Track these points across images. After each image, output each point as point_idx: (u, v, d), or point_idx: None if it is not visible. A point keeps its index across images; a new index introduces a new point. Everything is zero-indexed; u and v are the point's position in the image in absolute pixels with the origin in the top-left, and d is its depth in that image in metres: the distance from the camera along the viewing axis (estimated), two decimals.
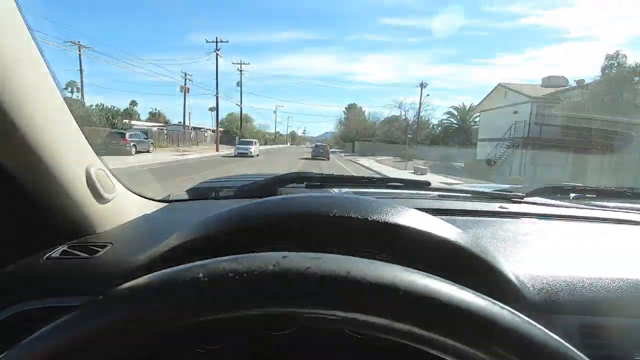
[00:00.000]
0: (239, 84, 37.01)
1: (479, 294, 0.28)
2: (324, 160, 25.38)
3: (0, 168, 0.56)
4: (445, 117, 41.80)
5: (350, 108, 73.09)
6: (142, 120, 43.01)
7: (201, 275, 0.28)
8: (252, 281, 0.27)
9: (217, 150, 28.14)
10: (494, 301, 0.27)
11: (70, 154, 0.64)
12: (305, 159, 26.08)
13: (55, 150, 0.59)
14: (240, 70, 35.61)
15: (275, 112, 75.75)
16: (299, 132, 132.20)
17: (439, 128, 43.02)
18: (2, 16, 0.48)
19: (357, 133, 50.53)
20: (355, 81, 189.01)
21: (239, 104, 41.28)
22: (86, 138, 0.69)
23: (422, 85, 36.20)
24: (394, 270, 0.29)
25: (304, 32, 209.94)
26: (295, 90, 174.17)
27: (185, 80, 33.19)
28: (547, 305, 0.56)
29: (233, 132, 43.79)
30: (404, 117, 41.76)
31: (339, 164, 23.10)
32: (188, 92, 34.67)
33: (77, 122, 0.66)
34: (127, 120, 30.02)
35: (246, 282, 0.27)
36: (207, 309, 0.27)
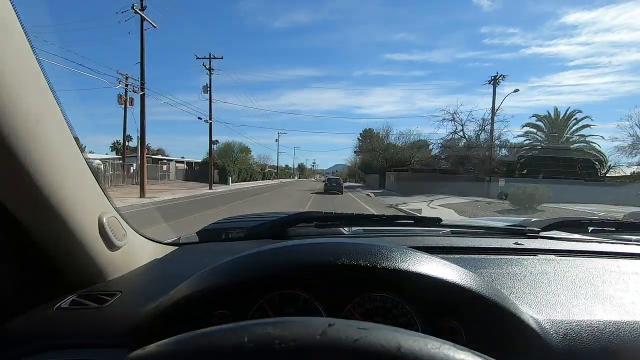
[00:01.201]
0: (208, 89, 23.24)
1: None
2: (338, 194, 22.89)
3: (13, 218, 0.57)
4: (517, 134, 26.63)
5: (366, 135, 60.30)
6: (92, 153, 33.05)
7: (246, 339, 0.27)
8: (298, 350, 0.26)
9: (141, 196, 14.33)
10: None
11: (84, 203, 0.65)
12: (318, 193, 23.01)
13: (70, 200, 0.60)
14: (210, 71, 22.48)
15: (277, 140, 61.89)
16: (308, 165, 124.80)
17: (518, 151, 26.15)
18: (26, 76, 0.51)
19: (385, 160, 35.36)
20: (362, 114, 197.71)
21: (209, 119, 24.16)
22: (99, 185, 0.70)
23: (496, 80, 21.32)
24: (445, 348, 0.27)
25: (311, 69, 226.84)
26: (304, 125, 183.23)
27: (127, 89, 19.66)
28: (571, 353, 0.53)
29: (219, 166, 33.06)
30: (459, 134, 26.08)
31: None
32: (131, 104, 21.61)
33: (91, 170, 0.67)
34: None
35: (293, 351, 0.26)
36: None
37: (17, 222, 0.58)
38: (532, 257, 0.86)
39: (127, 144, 26.54)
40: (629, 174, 23.00)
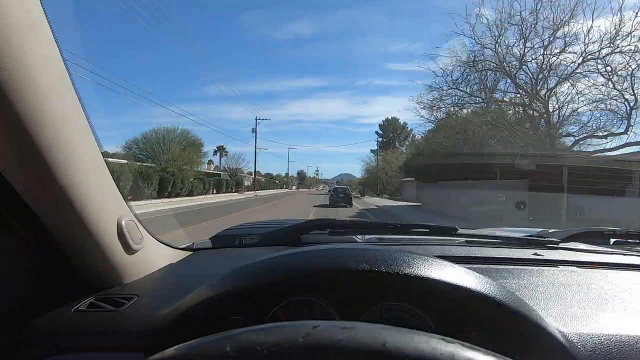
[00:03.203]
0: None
1: None
2: (346, 207, 19.79)
3: (32, 217, 0.58)
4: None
5: (389, 125, 54.26)
6: None
7: (228, 348, 0.27)
8: (280, 354, 0.26)
9: None
10: None
11: (103, 206, 0.65)
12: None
13: (92, 202, 0.61)
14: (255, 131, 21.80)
15: (254, 130, 42.25)
16: (311, 173, 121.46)
17: None
18: (54, 80, 0.52)
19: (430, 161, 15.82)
20: (365, 124, 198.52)
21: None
22: (119, 189, 0.71)
23: None
24: (433, 342, 0.26)
25: (314, 80, 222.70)
26: (307, 134, 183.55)
27: None
28: None
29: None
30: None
31: None
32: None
33: (111, 173, 0.68)
34: None
35: (275, 355, 0.26)
36: None
37: (40, 223, 0.59)
38: (553, 268, 0.83)
39: None
40: None
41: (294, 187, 78.32)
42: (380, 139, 53.65)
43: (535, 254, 0.91)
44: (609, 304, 0.65)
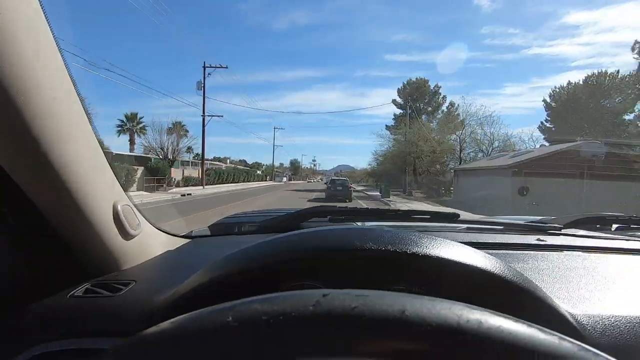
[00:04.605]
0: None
1: (559, 334, 0.24)
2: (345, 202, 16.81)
3: (27, 203, 0.57)
4: None
5: (414, 87, 38.48)
6: None
7: (230, 318, 0.25)
8: (288, 325, 0.24)
9: None
10: (574, 341, 0.24)
11: (98, 189, 0.64)
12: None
13: (83, 185, 0.60)
14: None
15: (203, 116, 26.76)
16: (307, 164, 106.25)
17: None
18: (43, 54, 0.50)
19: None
20: (363, 115, 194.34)
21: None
22: (114, 173, 0.70)
23: None
24: (457, 308, 0.24)
25: (312, 71, 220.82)
26: (306, 126, 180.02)
27: None
28: (615, 350, 0.49)
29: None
30: None
31: None
32: None
33: (106, 157, 0.67)
34: None
35: (282, 325, 0.24)
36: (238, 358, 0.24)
37: (36, 208, 0.58)
38: (556, 252, 0.83)
39: None
40: None
41: (284, 179, 63.80)
42: (398, 115, 37.42)
43: (538, 239, 0.91)
44: (616, 286, 0.65)
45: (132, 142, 33.41)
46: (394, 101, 39.32)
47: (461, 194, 19.09)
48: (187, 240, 0.99)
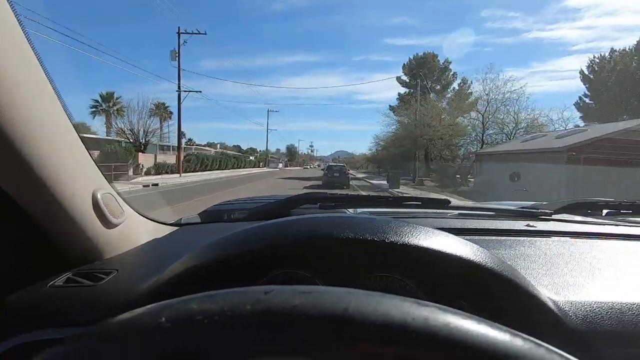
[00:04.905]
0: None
1: (513, 331, 0.23)
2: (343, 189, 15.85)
3: (1, 192, 0.56)
4: None
5: (422, 62, 33.34)
6: None
7: (164, 319, 0.24)
8: (223, 325, 0.23)
9: None
10: (527, 337, 0.23)
11: (76, 177, 0.63)
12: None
13: (61, 174, 0.59)
14: None
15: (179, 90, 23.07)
16: (304, 150, 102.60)
17: None
18: (7, 40, 0.48)
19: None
20: (362, 100, 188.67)
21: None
22: (94, 161, 0.69)
23: None
24: (405, 305, 0.24)
25: (310, 55, 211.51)
26: (303, 111, 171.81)
27: None
28: (594, 336, 0.50)
29: None
30: None
31: None
32: None
33: (84, 145, 0.65)
34: None
35: (217, 326, 0.23)
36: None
37: (9, 197, 0.57)
38: (545, 238, 0.83)
39: None
40: None
41: (280, 166, 59.37)
42: (404, 91, 34.18)
43: (527, 225, 0.91)
44: (601, 273, 0.65)
45: (109, 125, 29.97)
46: (398, 79, 35.09)
47: (484, 184, 15.64)
48: (176, 228, 0.98)
